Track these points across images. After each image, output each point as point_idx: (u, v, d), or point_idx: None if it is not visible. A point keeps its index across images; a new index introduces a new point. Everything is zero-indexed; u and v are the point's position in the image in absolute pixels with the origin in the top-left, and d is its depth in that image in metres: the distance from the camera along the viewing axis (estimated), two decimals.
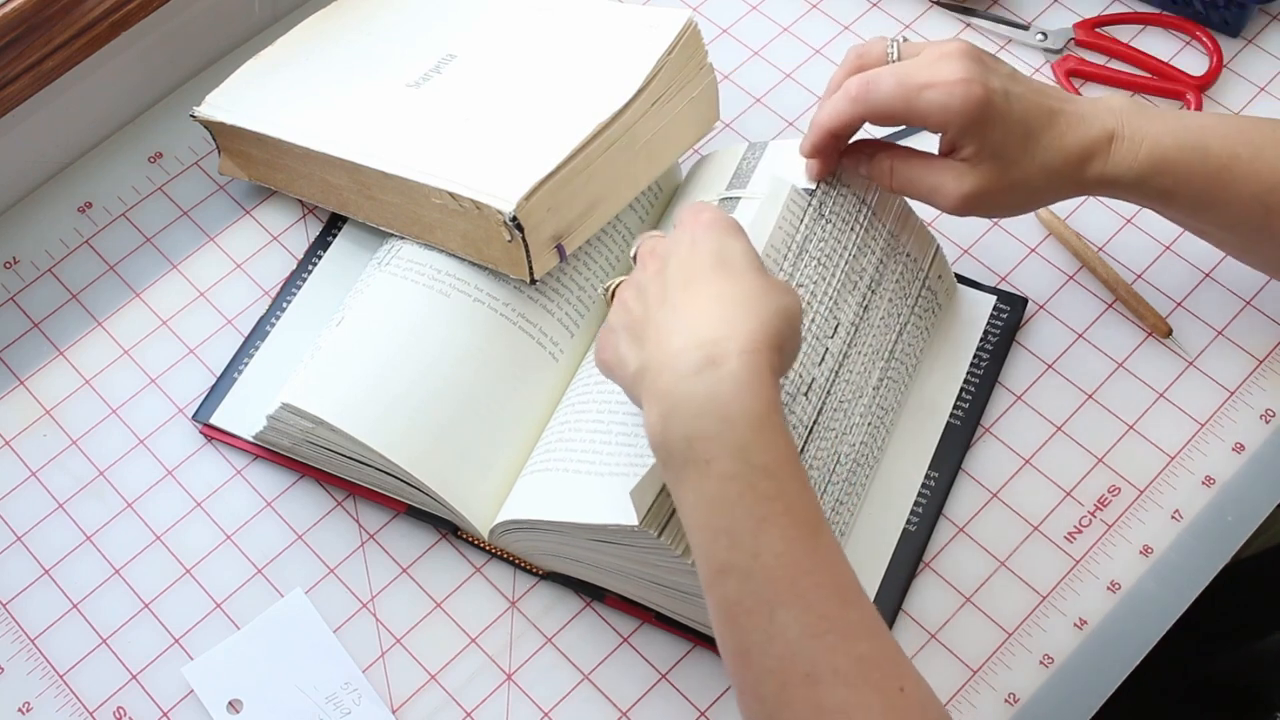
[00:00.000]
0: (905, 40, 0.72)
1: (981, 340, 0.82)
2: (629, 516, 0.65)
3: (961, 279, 0.84)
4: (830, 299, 0.73)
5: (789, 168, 0.76)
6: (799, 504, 0.59)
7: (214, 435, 0.80)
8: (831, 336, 0.73)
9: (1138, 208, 0.87)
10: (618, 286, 0.69)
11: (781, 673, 0.57)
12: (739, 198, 0.78)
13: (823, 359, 0.72)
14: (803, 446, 0.70)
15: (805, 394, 0.71)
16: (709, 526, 0.59)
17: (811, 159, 0.74)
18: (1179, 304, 0.84)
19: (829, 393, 0.72)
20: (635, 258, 0.68)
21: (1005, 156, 0.70)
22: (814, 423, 0.71)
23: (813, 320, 0.72)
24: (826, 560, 0.58)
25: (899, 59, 0.72)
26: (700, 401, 0.58)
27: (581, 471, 0.70)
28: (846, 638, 0.57)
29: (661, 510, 0.65)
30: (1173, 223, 0.77)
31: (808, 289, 0.72)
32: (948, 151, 0.71)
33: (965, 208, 0.71)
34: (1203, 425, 0.80)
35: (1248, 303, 0.84)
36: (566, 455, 0.72)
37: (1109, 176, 0.71)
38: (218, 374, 0.82)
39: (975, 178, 0.70)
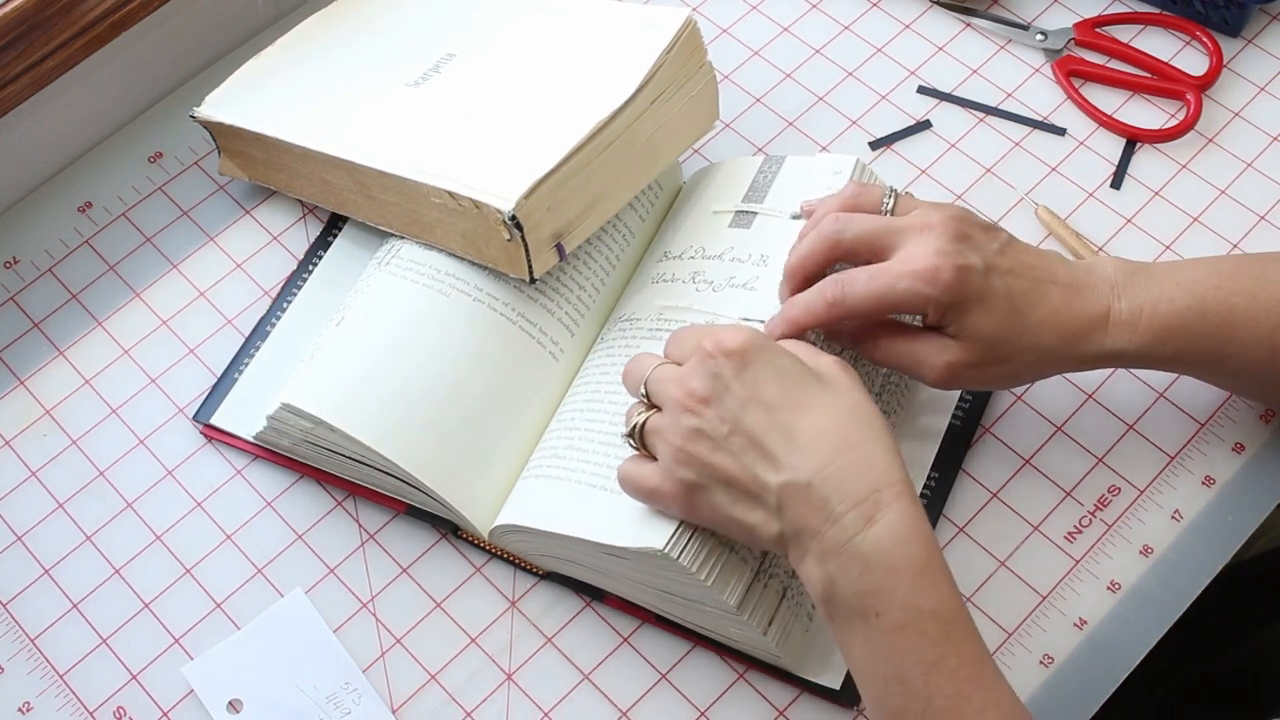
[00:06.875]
0: (903, 194, 0.71)
1: None
2: (652, 540, 0.65)
3: None
4: None
5: (807, 185, 0.77)
6: (966, 642, 0.60)
7: (214, 435, 0.80)
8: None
9: (1137, 207, 0.87)
10: (643, 426, 0.66)
11: None
12: (756, 212, 0.78)
13: None
14: None
15: None
16: (880, 675, 0.60)
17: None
18: None
19: None
20: (646, 390, 0.66)
21: (991, 334, 0.68)
22: None
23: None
24: (994, 693, 0.60)
25: (892, 213, 0.70)
26: (865, 559, 0.59)
27: (597, 486, 0.69)
28: None
29: (683, 535, 0.65)
30: (1178, 374, 0.77)
31: None
32: (933, 325, 0.69)
33: (950, 380, 0.69)
34: (1203, 425, 0.80)
35: None
36: (579, 466, 0.71)
37: (1109, 352, 0.70)
38: (218, 374, 0.82)
39: (959, 351, 0.68)
